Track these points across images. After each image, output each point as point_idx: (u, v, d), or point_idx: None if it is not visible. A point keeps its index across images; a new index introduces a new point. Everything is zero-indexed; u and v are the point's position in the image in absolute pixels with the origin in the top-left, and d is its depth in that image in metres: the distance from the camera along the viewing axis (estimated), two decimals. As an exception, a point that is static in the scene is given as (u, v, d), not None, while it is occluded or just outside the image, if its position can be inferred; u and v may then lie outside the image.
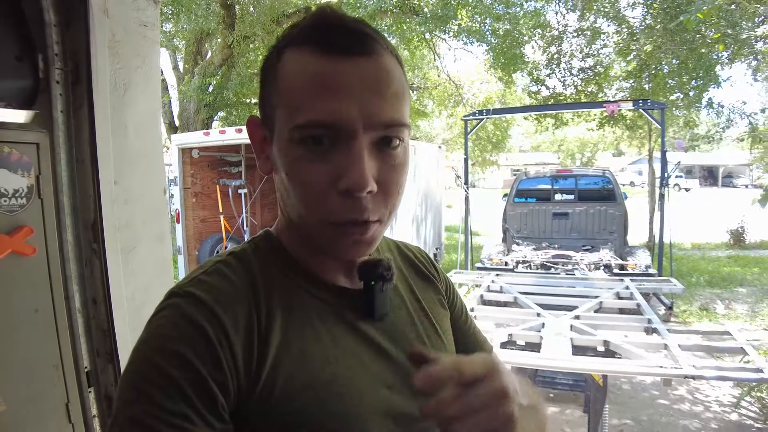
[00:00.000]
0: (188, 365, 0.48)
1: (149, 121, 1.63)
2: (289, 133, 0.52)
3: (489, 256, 6.75)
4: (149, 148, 1.64)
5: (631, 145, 24.16)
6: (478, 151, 15.90)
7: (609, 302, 3.64)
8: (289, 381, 0.53)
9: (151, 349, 0.49)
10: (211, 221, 6.43)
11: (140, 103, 1.58)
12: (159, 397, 0.46)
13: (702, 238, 13.03)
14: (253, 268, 0.59)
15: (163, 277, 1.75)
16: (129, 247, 1.59)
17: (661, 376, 2.22)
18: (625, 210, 7.56)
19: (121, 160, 1.51)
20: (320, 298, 0.60)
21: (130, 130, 1.55)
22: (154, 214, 1.68)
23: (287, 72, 0.53)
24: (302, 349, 0.55)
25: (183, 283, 0.55)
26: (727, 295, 7.57)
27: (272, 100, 0.55)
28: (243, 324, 0.53)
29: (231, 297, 0.54)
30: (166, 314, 0.52)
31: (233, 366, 0.50)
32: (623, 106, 7.55)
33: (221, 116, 11.14)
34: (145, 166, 1.62)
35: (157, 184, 1.68)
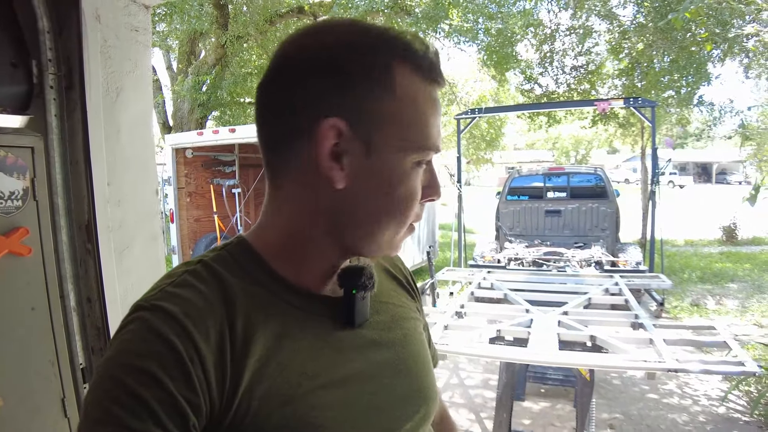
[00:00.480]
0: (157, 383, 0.46)
1: (141, 123, 1.67)
2: (407, 151, 0.55)
3: (481, 254, 6.82)
4: (141, 150, 1.68)
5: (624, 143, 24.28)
6: (473, 149, 15.98)
7: (598, 298, 3.70)
8: (266, 397, 0.52)
9: (118, 367, 0.48)
10: (205, 221, 6.47)
11: (132, 106, 1.62)
12: (127, 419, 0.44)
13: (695, 235, 13.16)
14: (225, 277, 0.55)
15: (156, 275, 1.77)
16: (122, 246, 1.63)
17: (645, 370, 2.28)
18: (617, 207, 7.64)
19: (113, 162, 1.55)
20: (298, 307, 0.58)
21: (123, 132, 1.59)
22: (146, 215, 1.72)
23: (407, 93, 0.54)
24: (280, 363, 0.54)
25: (149, 296, 0.53)
26: (718, 291, 7.67)
27: (384, 114, 0.54)
28: (215, 339, 0.51)
29: (202, 310, 0.51)
30: (132, 329, 0.50)
31: (205, 383, 0.49)
32: (614, 104, 7.64)
33: (215, 116, 11.15)
34: (137, 167, 1.66)
35: (149, 185, 1.72)
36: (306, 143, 0.54)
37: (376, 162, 0.55)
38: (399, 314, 0.71)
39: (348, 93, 0.53)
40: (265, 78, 0.57)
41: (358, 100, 0.53)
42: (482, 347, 2.54)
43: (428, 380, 0.69)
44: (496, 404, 2.86)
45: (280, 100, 0.56)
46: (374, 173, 0.55)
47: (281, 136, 0.57)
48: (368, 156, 0.54)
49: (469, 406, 4.06)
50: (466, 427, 3.75)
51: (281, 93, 0.55)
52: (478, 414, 3.92)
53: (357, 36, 0.55)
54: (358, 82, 0.53)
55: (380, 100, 0.54)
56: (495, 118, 14.04)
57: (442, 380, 4.55)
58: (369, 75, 0.53)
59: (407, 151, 0.55)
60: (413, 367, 0.67)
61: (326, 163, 0.54)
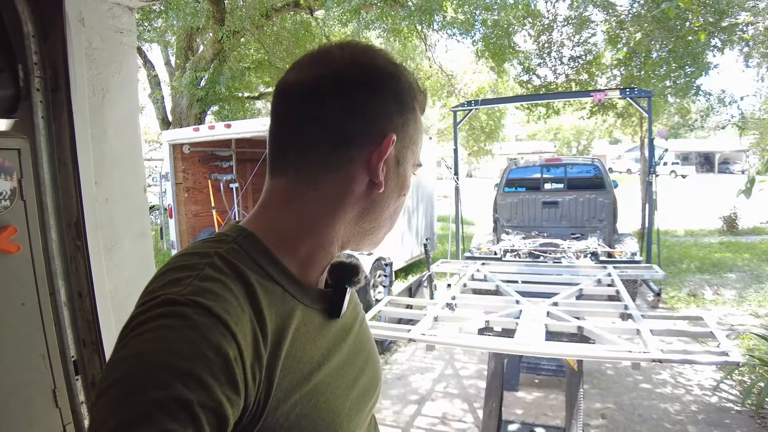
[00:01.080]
0: (204, 386, 0.44)
1: (128, 123, 1.71)
2: (414, 166, 0.69)
3: (478, 246, 6.86)
4: (128, 149, 1.73)
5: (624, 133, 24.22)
6: (472, 140, 15.98)
7: (590, 289, 3.74)
8: (289, 390, 0.55)
9: (160, 366, 0.44)
10: (203, 216, 6.53)
11: (118, 106, 1.67)
12: (168, 423, 0.42)
13: (695, 225, 13.16)
14: (244, 272, 0.56)
15: (145, 271, 1.84)
16: (111, 243, 1.68)
17: (629, 360, 2.32)
18: (614, 198, 7.66)
19: (101, 161, 1.60)
20: (302, 302, 0.62)
21: (110, 132, 1.63)
22: (134, 212, 1.77)
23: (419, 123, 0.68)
24: (296, 356, 0.57)
25: (179, 290, 0.50)
26: (716, 281, 7.70)
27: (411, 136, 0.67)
28: (250, 337, 0.51)
29: (236, 308, 0.51)
30: (170, 324, 0.47)
31: (244, 383, 0.49)
32: (610, 94, 7.63)
33: (214, 111, 11.18)
34: (124, 166, 1.70)
35: (137, 183, 1.77)
36: (365, 151, 0.62)
37: (401, 172, 0.67)
38: (356, 306, 0.78)
39: (401, 117, 0.65)
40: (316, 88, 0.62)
41: (404, 123, 0.65)
42: (470, 338, 2.59)
43: (377, 360, 0.77)
44: (486, 394, 2.91)
45: (344, 111, 0.61)
46: (397, 181, 0.67)
47: (340, 139, 0.62)
48: (397, 167, 0.66)
49: (463, 396, 4.13)
50: (459, 416, 3.82)
51: (351, 103, 0.61)
52: (472, 404, 3.98)
53: (405, 72, 0.66)
54: (406, 110, 0.65)
55: (411, 125, 0.66)
56: (494, 110, 14.04)
57: (437, 370, 4.62)
58: (411, 106, 0.66)
59: (414, 164, 0.69)
60: (372, 350, 0.77)
61: (380, 169, 0.63)
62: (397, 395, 4.18)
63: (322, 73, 0.62)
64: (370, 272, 6.36)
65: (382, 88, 0.63)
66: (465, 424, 3.69)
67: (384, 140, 0.62)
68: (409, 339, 2.60)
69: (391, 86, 0.64)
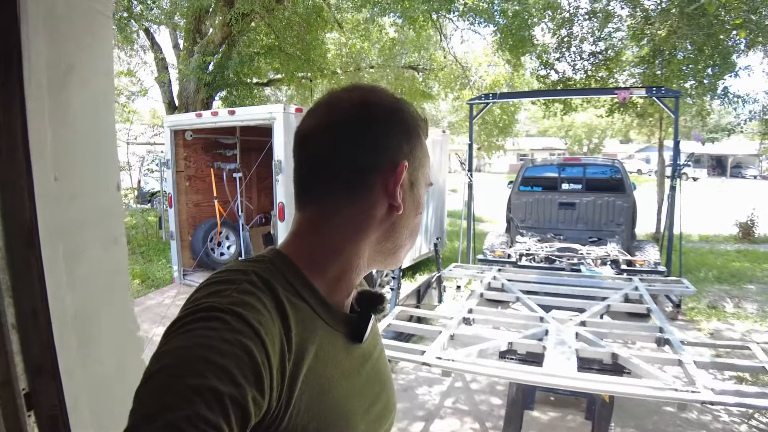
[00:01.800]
0: (236, 383, 0.49)
1: (99, 106, 1.41)
2: (426, 186, 0.75)
3: (491, 248, 6.55)
4: (100, 138, 1.42)
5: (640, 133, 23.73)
6: (484, 135, 15.57)
7: (617, 306, 3.43)
8: (308, 403, 0.58)
9: (198, 359, 0.50)
10: (205, 206, 6.24)
11: (88, 86, 1.36)
12: (203, 408, 0.46)
13: (710, 230, 12.76)
14: (277, 290, 0.61)
15: (118, 283, 1.54)
16: (75, 252, 1.38)
17: (676, 400, 2.02)
18: (633, 201, 7.32)
19: (63, 152, 1.29)
20: (327, 322, 0.66)
21: (75, 117, 1.33)
22: (105, 214, 1.46)
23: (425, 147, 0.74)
24: (317, 372, 0.61)
25: (221, 300, 0.56)
26: (736, 293, 7.36)
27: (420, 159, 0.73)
28: (278, 347, 0.56)
29: (268, 320, 0.56)
30: (212, 326, 0.52)
31: (269, 387, 0.53)
32: (636, 93, 7.27)
33: (222, 96, 10.86)
34: (94, 158, 1.40)
35: (109, 180, 1.46)
36: (381, 179, 0.68)
37: (416, 194, 0.73)
38: (376, 336, 0.82)
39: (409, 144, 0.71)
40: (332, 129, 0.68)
41: (412, 149, 0.71)
42: (492, 364, 2.30)
43: (393, 393, 0.82)
44: (504, 422, 2.62)
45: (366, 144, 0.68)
46: (413, 202, 0.73)
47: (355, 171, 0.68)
48: (411, 189, 0.72)
49: (474, 414, 3.83)
50: (470, 437, 3.53)
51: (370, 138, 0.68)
52: (483, 423, 3.69)
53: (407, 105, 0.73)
54: (413, 137, 0.72)
55: (418, 150, 0.72)
56: (508, 104, 13.64)
57: (446, 383, 4.32)
58: (416, 133, 0.72)
59: (424, 183, 0.75)
60: (388, 380, 0.80)
61: (398, 194, 0.68)
62: (402, 410, 3.90)
63: (335, 115, 0.69)
64: (377, 272, 6.07)
65: (389, 121, 0.69)
66: (476, 446, 3.41)
67: (398, 168, 0.68)
68: (423, 363, 2.30)
69: (396, 119, 0.70)
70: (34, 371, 1.38)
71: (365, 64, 12.27)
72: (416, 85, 13.30)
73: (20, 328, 1.33)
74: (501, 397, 4.04)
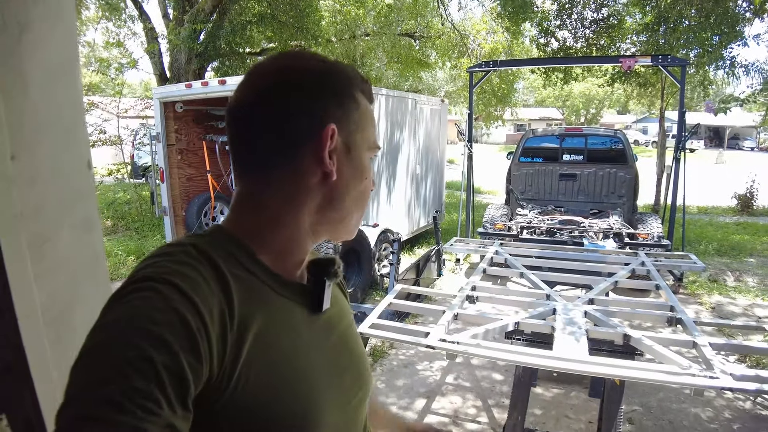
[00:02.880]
0: (169, 350, 0.48)
1: (62, 72, 1.24)
2: (369, 150, 0.73)
3: (492, 221, 6.42)
4: (64, 111, 1.25)
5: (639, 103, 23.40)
6: (482, 105, 15.27)
7: (624, 282, 3.32)
8: (258, 373, 0.58)
9: (130, 329, 0.49)
10: (198, 179, 6.06)
11: (46, 49, 1.18)
12: (136, 379, 0.46)
13: (708, 202, 12.66)
14: (216, 261, 0.60)
15: (94, 271, 1.39)
16: (41, 239, 1.23)
17: (693, 387, 1.92)
18: (636, 173, 7.19)
19: (20, 127, 1.13)
20: (279, 293, 0.66)
21: (33, 86, 1.16)
22: (75, 195, 1.30)
23: (364, 109, 0.73)
24: (267, 341, 0.60)
25: (155, 271, 0.55)
26: (736, 266, 7.28)
27: (357, 122, 0.71)
28: (217, 316, 0.55)
29: (205, 290, 0.55)
30: (145, 296, 0.52)
31: (208, 353, 0.52)
32: (641, 61, 7.03)
33: (214, 67, 10.51)
34: (58, 133, 1.24)
35: (77, 157, 1.30)
36: (309, 145, 0.67)
37: (354, 158, 0.71)
38: (344, 308, 0.82)
39: (340, 107, 0.69)
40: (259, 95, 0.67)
41: (345, 112, 0.69)
42: (499, 347, 2.18)
43: (366, 365, 0.81)
44: (510, 404, 2.54)
45: (286, 112, 0.66)
46: (352, 167, 0.71)
47: (279, 140, 0.67)
48: (349, 153, 0.70)
49: (476, 391, 3.77)
50: (472, 415, 3.46)
51: (290, 105, 0.66)
52: (486, 401, 3.62)
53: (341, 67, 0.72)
54: (345, 99, 0.70)
55: (354, 113, 0.71)
56: (507, 73, 13.33)
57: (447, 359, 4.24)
58: (349, 94, 0.71)
59: (366, 146, 0.73)
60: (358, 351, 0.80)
61: (327, 159, 0.67)
62: (404, 387, 3.83)
63: (257, 85, 0.68)
64: (375, 245, 5.95)
65: (314, 86, 0.67)
66: (479, 425, 3.34)
67: (323, 132, 0.66)
68: (427, 346, 2.19)
69: (322, 82, 0.68)
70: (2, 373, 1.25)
71: (360, 32, 11.88)
72: (413, 53, 12.95)
73: (-17, 326, 1.19)
74: (502, 373, 3.97)
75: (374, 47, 12.42)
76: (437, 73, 21.60)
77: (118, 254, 7.08)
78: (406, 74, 14.93)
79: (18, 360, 1.24)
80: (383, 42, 12.09)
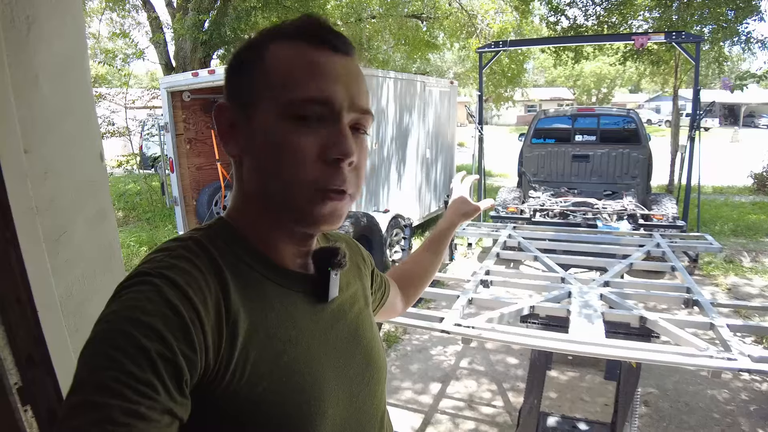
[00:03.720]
0: (161, 339, 0.49)
1: (72, 66, 1.23)
2: (282, 108, 0.60)
3: (504, 204, 6.38)
4: (75, 103, 1.25)
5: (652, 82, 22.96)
6: (492, 86, 15.08)
7: (640, 263, 3.28)
8: (257, 362, 0.58)
9: (124, 320, 0.50)
10: (207, 169, 6.07)
11: (55, 42, 1.18)
12: (129, 365, 0.47)
13: (724, 181, 12.45)
14: (215, 255, 0.61)
15: (109, 262, 1.40)
16: (57, 232, 1.24)
17: (711, 368, 1.90)
18: (649, 153, 7.08)
19: (31, 121, 1.13)
20: (278, 283, 0.65)
21: (43, 79, 1.15)
22: (88, 188, 1.31)
23: (278, 60, 0.61)
24: (267, 331, 0.60)
25: (152, 266, 0.56)
26: (753, 246, 7.17)
27: (256, 84, 0.61)
28: (213, 306, 0.56)
29: (199, 281, 0.56)
30: (140, 289, 0.53)
31: (203, 343, 0.53)
32: (654, 38, 6.87)
33: (220, 54, 10.48)
34: (70, 127, 1.24)
35: (89, 149, 1.30)
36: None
37: (255, 125, 0.61)
38: (356, 294, 0.79)
39: (237, 76, 0.64)
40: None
41: (235, 78, 0.64)
42: (515, 331, 2.17)
43: (378, 352, 0.78)
44: (526, 389, 2.53)
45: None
46: (258, 135, 0.61)
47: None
48: (249, 121, 0.62)
49: (491, 375, 3.78)
50: (487, 399, 3.47)
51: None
52: (501, 384, 3.63)
53: (253, 36, 0.66)
54: (240, 68, 0.64)
55: (258, 76, 0.61)
56: (517, 53, 13.12)
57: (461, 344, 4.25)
58: (249, 58, 0.63)
59: (282, 109, 0.60)
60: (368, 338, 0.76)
61: (223, 139, 0.65)
62: (418, 372, 3.84)
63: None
64: (386, 231, 5.94)
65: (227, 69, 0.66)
66: (494, 408, 3.35)
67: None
68: (442, 331, 2.19)
69: (232, 61, 0.65)
70: (25, 364, 1.26)
71: (366, 14, 11.74)
72: (420, 34, 12.77)
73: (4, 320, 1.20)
74: (517, 356, 3.97)
75: (381, 30, 12.27)
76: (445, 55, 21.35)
77: (131, 245, 7.15)
78: (413, 56, 14.73)
79: (40, 352, 1.25)
80: (390, 24, 11.95)
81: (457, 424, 3.17)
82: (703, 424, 3.13)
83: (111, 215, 1.39)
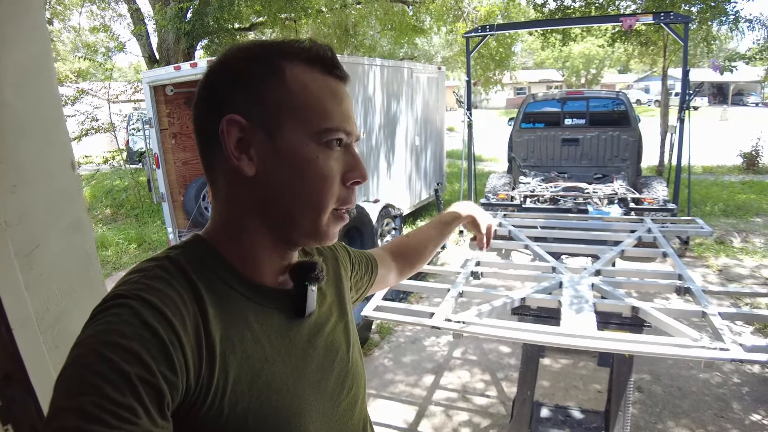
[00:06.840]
0: (141, 362, 0.49)
1: (36, 71, 1.18)
2: (313, 134, 0.61)
3: (494, 190, 6.36)
4: (42, 110, 1.20)
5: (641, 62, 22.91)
6: (480, 69, 14.97)
7: (631, 249, 3.27)
8: (236, 382, 0.58)
9: (102, 344, 0.49)
10: (194, 163, 5.98)
11: (18, 47, 1.13)
12: (108, 390, 0.46)
13: (713, 161, 12.49)
14: (191, 275, 0.60)
15: (87, 273, 1.36)
16: (29, 246, 1.19)
17: (703, 359, 1.89)
18: (639, 135, 7.06)
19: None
20: (255, 301, 0.64)
21: (6, 87, 1.10)
22: (62, 198, 1.26)
23: (301, 84, 0.62)
24: (245, 351, 0.60)
25: (128, 288, 0.55)
26: (743, 226, 7.22)
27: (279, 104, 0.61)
28: (191, 328, 0.55)
29: (177, 302, 0.55)
30: (116, 312, 0.52)
31: (183, 365, 0.52)
32: (642, 19, 6.81)
33: (204, 45, 10.28)
34: (38, 134, 1.19)
35: (60, 158, 1.25)
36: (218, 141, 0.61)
37: (281, 145, 0.61)
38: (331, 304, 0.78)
39: (243, 92, 0.61)
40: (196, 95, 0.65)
41: (251, 95, 0.61)
42: (506, 325, 2.15)
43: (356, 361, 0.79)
44: (519, 381, 2.53)
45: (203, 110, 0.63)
46: (280, 156, 0.61)
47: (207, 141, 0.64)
48: (272, 141, 0.61)
49: (484, 365, 3.78)
50: (481, 390, 3.48)
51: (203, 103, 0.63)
52: (494, 374, 3.64)
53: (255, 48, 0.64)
54: (250, 82, 0.61)
55: (271, 91, 0.61)
56: (505, 36, 13.00)
57: (454, 334, 4.25)
58: (260, 74, 0.61)
59: (308, 131, 0.61)
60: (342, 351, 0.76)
61: (234, 154, 0.61)
62: (411, 363, 3.84)
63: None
64: (377, 221, 5.91)
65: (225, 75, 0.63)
66: (488, 399, 3.36)
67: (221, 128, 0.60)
68: (432, 327, 2.16)
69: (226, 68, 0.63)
70: (3, 383, 1.23)
71: (352, 0, 11.57)
72: (407, 19, 12.60)
73: (-24, 339, 1.16)
74: (510, 346, 3.98)
75: (366, 15, 12.11)
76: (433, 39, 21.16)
77: (120, 243, 7.07)
78: (400, 41, 14.57)
79: (17, 369, 1.21)
80: (375, 9, 11.78)
81: (451, 416, 3.18)
82: (696, 408, 3.15)
83: (87, 225, 1.35)
